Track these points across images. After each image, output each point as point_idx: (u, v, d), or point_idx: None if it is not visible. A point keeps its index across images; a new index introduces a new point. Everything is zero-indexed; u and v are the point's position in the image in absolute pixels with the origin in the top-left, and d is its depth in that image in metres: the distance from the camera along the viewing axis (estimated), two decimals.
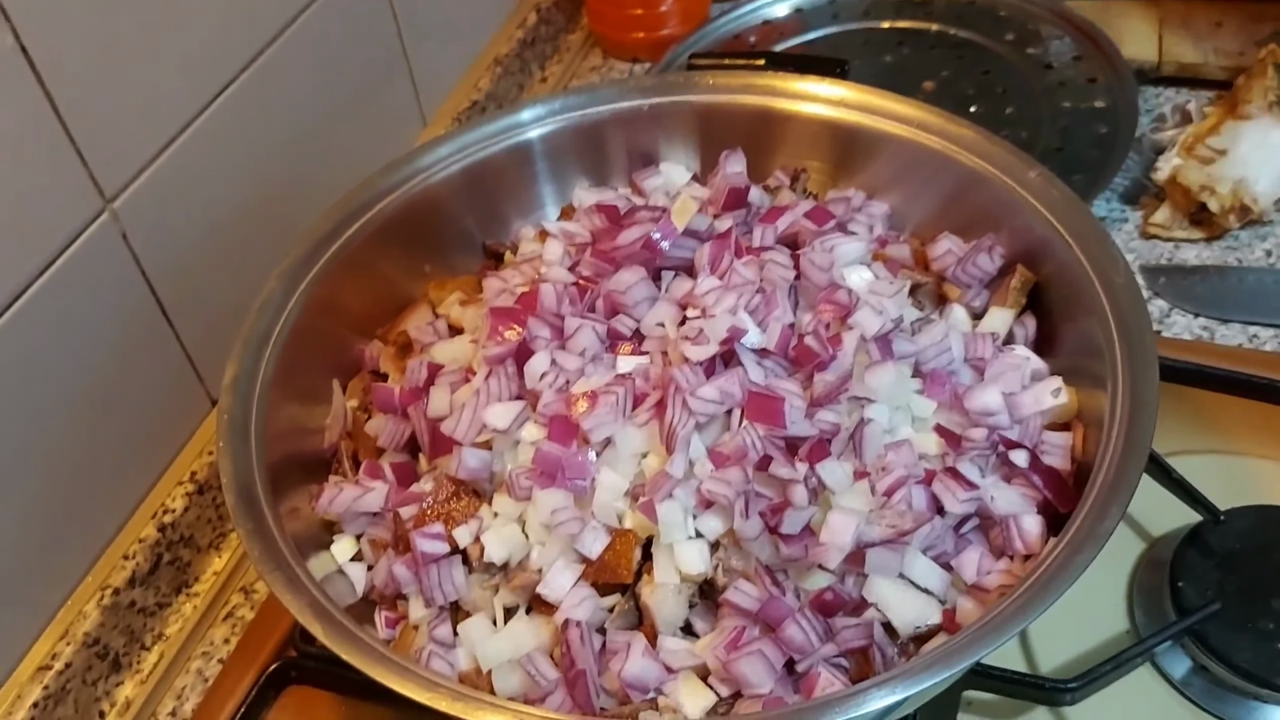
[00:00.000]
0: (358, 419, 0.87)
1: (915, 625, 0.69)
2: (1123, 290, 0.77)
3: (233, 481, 0.73)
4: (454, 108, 1.29)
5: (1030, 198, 0.85)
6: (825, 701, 0.63)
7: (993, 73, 1.30)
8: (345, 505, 0.79)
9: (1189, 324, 1.06)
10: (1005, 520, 0.72)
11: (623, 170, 1.01)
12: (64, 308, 0.84)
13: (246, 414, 0.78)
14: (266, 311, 0.85)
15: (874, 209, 0.95)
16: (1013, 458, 0.74)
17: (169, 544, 0.93)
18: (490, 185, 0.98)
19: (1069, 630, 0.85)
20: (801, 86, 0.96)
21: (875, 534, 0.69)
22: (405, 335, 0.90)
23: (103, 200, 0.86)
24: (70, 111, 0.81)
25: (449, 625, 0.74)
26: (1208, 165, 1.13)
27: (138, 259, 0.90)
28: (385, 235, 0.93)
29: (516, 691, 0.71)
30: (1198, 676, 0.81)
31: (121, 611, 0.89)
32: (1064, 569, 0.65)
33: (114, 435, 0.90)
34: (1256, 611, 0.80)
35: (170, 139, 0.91)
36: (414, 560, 0.74)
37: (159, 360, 0.94)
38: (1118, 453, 0.69)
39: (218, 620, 0.95)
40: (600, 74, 1.46)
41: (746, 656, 0.67)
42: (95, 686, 0.88)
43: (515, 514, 0.75)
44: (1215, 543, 0.84)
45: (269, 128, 1.02)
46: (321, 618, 0.66)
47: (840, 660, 0.69)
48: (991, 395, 0.75)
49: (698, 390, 0.72)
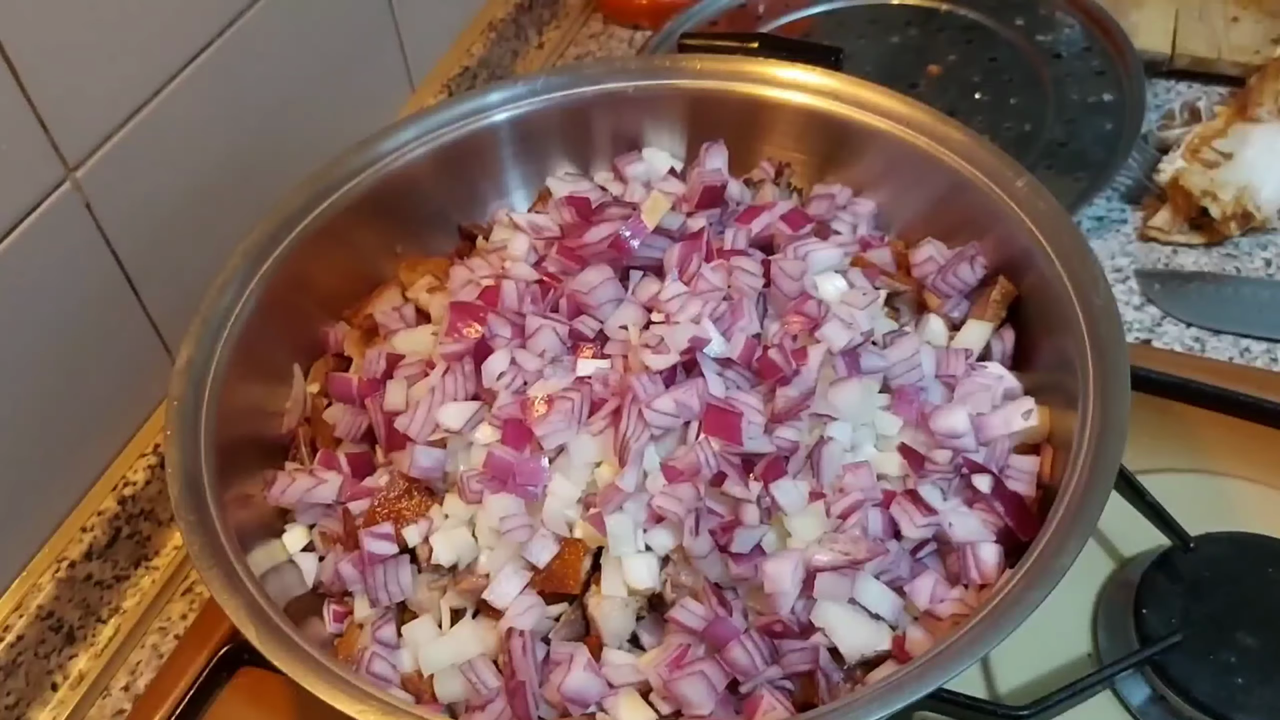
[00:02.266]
0: (317, 404, 0.86)
1: (862, 652, 0.68)
2: (1101, 312, 0.75)
3: (178, 471, 0.73)
4: (444, 74, 1.26)
5: (1016, 208, 0.83)
6: None
7: (1000, 59, 1.27)
8: (298, 496, 0.79)
9: (1180, 334, 1.04)
10: (963, 547, 0.70)
11: (606, 154, 0.99)
12: (25, 276, 0.82)
13: (199, 399, 0.78)
14: (228, 290, 0.84)
15: (860, 207, 0.92)
16: (976, 482, 0.73)
17: (129, 517, 0.93)
18: (468, 165, 0.96)
19: (1031, 649, 0.83)
20: (792, 76, 0.94)
21: (826, 559, 0.67)
22: (371, 319, 0.89)
23: (65, 169, 0.84)
24: (31, 78, 0.79)
25: (394, 626, 0.74)
26: (1212, 169, 1.10)
27: (101, 228, 0.88)
28: (357, 213, 0.92)
29: (457, 698, 0.71)
30: (1156, 706, 0.79)
31: (77, 585, 0.89)
32: (1018, 604, 0.63)
33: (76, 405, 0.90)
34: (1219, 643, 0.79)
35: (137, 107, 0.89)
36: (361, 559, 0.73)
37: (124, 331, 0.93)
38: (1082, 483, 0.68)
39: (176, 595, 0.95)
40: (599, 41, 1.43)
41: (688, 677, 0.66)
42: (48, 659, 0.88)
43: (466, 517, 0.74)
44: (1184, 569, 0.83)
45: (245, 96, 1.00)
46: (256, 619, 0.66)
47: (785, 684, 0.68)
48: (958, 417, 0.73)
49: (654, 402, 0.71)
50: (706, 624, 0.68)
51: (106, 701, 0.89)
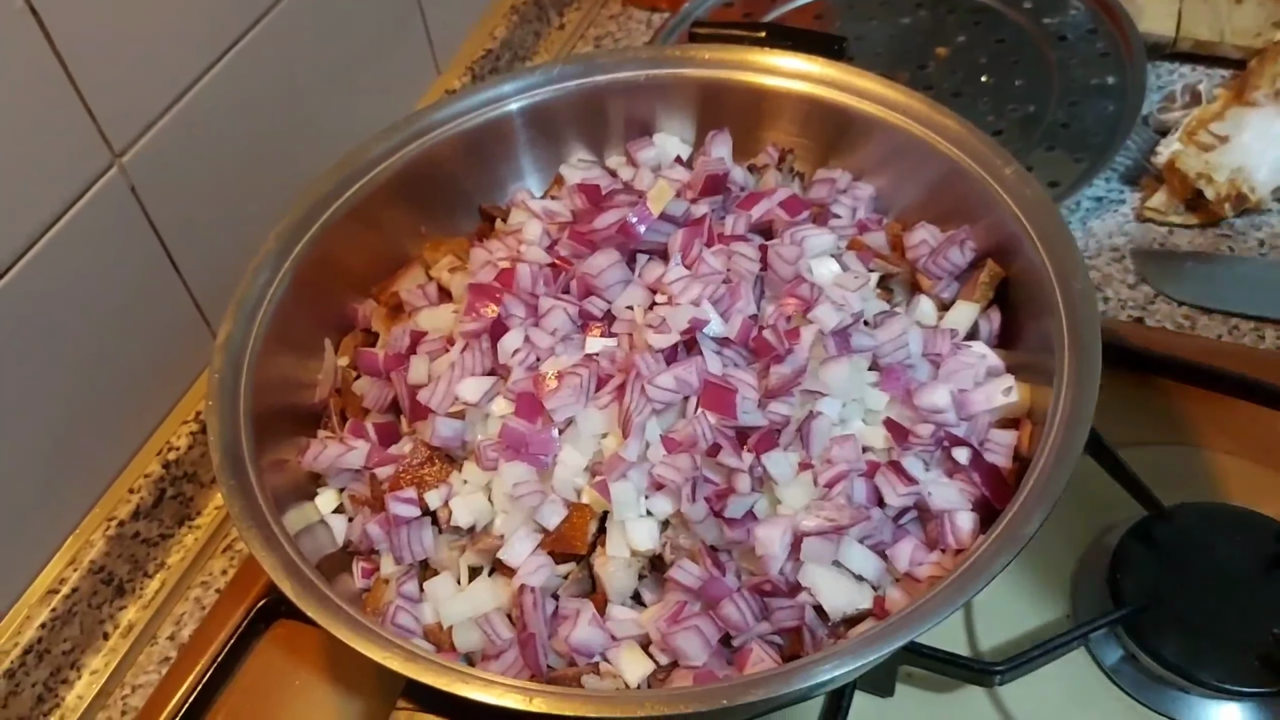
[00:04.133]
0: (347, 377, 0.91)
1: (844, 610, 0.73)
2: (1080, 296, 0.79)
3: (219, 439, 0.78)
4: (468, 57, 1.31)
5: (1004, 194, 0.87)
6: (771, 675, 0.66)
7: (1007, 41, 1.30)
8: (329, 461, 0.84)
9: (1171, 311, 1.07)
10: (941, 515, 0.75)
11: (619, 139, 1.03)
12: (75, 257, 0.88)
13: (237, 372, 0.83)
14: (263, 271, 0.89)
15: (860, 191, 0.97)
16: (955, 454, 0.77)
17: (173, 479, 0.99)
18: (488, 150, 1.00)
19: (1013, 611, 0.88)
20: (795, 65, 0.98)
21: (812, 525, 0.73)
22: (397, 296, 0.94)
23: (112, 155, 0.90)
24: (79, 70, 0.84)
25: (417, 582, 0.80)
26: (1208, 152, 1.13)
27: (146, 211, 0.94)
28: (384, 196, 0.96)
29: (475, 648, 0.77)
30: (1128, 665, 0.84)
31: (126, 542, 0.95)
32: (986, 567, 0.68)
33: (123, 377, 0.96)
34: (1189, 607, 0.83)
35: (180, 93, 0.94)
36: (386, 521, 0.79)
37: (167, 306, 0.99)
38: (1052, 457, 0.72)
39: (217, 553, 1.01)
40: (619, 22, 1.47)
41: (684, 631, 0.72)
42: (100, 610, 0.94)
43: (483, 483, 0.80)
44: (1159, 536, 0.87)
45: (279, 81, 1.05)
46: (291, 574, 0.72)
47: (774, 638, 0.74)
48: (940, 394, 0.78)
49: (656, 379, 0.76)
50: (702, 583, 0.73)
51: (154, 649, 0.95)
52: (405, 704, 0.69)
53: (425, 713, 0.69)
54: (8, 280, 0.83)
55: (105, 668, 0.93)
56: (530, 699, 0.65)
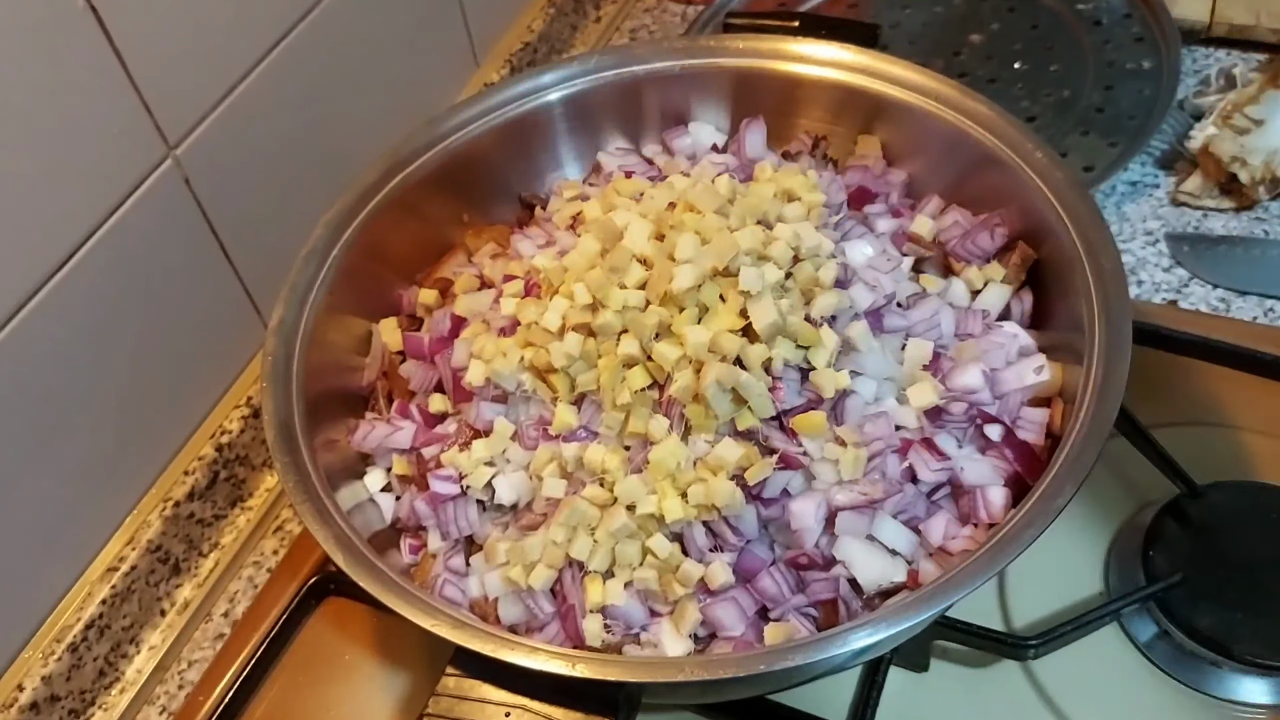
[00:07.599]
0: (393, 360, 0.94)
1: (879, 583, 0.75)
2: (1110, 276, 0.80)
3: (273, 419, 0.81)
4: (506, 49, 1.33)
5: (1036, 178, 0.88)
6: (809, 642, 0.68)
7: (1041, 27, 1.30)
8: (377, 441, 0.87)
9: (1206, 295, 1.08)
10: (973, 490, 0.77)
11: (655, 128, 1.05)
12: (131, 247, 0.91)
13: (289, 355, 0.86)
14: (313, 258, 0.91)
15: (892, 177, 0.98)
16: (988, 431, 0.79)
17: (225, 462, 1.02)
18: (527, 140, 1.03)
19: (1049, 587, 0.90)
20: (828, 54, 0.99)
21: (846, 499, 0.74)
22: (442, 281, 0.97)
23: (167, 147, 0.93)
24: (136, 65, 0.87)
25: (463, 557, 0.82)
26: (1242, 135, 1.13)
27: (199, 202, 0.97)
28: (428, 185, 0.98)
29: (518, 620, 0.79)
30: (1161, 641, 0.85)
31: (181, 521, 0.99)
32: (1016, 540, 0.70)
33: (177, 363, 0.99)
34: (1221, 584, 0.84)
35: (230, 88, 0.97)
36: (432, 498, 0.82)
37: (219, 295, 1.02)
38: (1082, 433, 0.74)
39: (268, 533, 1.04)
40: (654, 15, 1.49)
41: (722, 603, 0.74)
42: (157, 588, 0.98)
43: (524, 462, 0.82)
44: (1192, 514, 0.88)
45: (324, 73, 1.07)
46: (344, 547, 0.74)
47: (810, 610, 0.76)
48: (973, 374, 0.79)
49: None
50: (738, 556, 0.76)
51: (208, 626, 0.99)
52: (453, 670, 0.72)
53: (472, 678, 0.71)
54: (68, 270, 0.86)
55: (162, 643, 0.97)
56: (574, 664, 0.67)
